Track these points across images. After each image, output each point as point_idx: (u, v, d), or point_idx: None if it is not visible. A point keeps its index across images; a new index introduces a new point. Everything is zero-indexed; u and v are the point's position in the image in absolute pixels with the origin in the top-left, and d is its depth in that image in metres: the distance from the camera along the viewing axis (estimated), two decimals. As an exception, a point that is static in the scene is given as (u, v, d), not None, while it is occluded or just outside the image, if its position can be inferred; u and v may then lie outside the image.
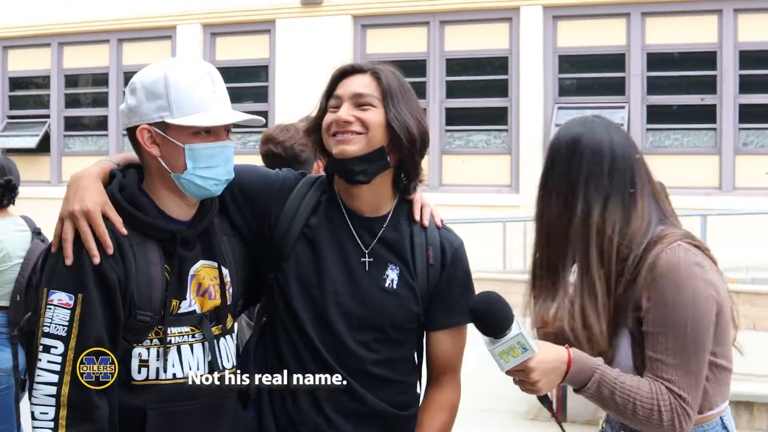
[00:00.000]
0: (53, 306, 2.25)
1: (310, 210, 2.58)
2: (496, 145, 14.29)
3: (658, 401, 2.31)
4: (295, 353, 2.53)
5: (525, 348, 2.23)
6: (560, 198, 2.43)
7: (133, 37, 16.14)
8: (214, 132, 2.39)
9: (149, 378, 2.34)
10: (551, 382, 2.32)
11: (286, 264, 2.54)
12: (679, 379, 2.31)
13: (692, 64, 13.55)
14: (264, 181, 2.63)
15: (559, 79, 13.96)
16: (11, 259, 5.08)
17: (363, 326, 2.53)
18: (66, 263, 2.26)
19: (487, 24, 14.34)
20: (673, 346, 2.31)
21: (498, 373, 2.36)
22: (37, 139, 16.55)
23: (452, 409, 2.69)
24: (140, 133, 2.37)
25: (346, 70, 2.55)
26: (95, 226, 2.27)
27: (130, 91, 2.41)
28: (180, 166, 2.36)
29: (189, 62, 2.43)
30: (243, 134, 15.33)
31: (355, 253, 2.55)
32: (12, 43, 17.24)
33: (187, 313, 2.40)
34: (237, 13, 15.39)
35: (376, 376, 2.55)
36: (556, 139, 2.49)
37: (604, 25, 13.77)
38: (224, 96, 2.43)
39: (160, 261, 2.35)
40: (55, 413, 2.22)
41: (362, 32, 14.88)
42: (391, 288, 2.54)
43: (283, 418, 2.55)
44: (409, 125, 2.50)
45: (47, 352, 2.24)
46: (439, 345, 2.65)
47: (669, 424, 2.31)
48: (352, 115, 2.46)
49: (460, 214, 12.78)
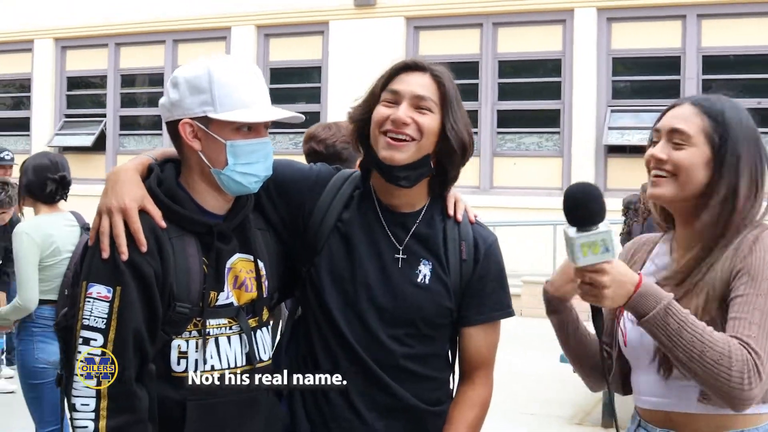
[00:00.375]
0: (92, 299, 2.27)
1: (343, 204, 2.58)
2: (548, 148, 14.23)
3: (730, 347, 2.14)
4: (326, 347, 2.54)
5: (607, 249, 2.14)
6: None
7: (188, 38, 16.33)
8: (255, 129, 2.40)
9: (188, 370, 2.35)
10: (616, 296, 2.19)
11: (318, 258, 2.54)
12: (760, 338, 2.16)
13: (750, 66, 13.39)
14: (299, 175, 2.63)
15: (613, 81, 13.87)
16: (60, 254, 5.16)
17: (395, 321, 2.52)
18: (103, 256, 2.28)
19: (541, 26, 14.29)
20: (762, 306, 2.19)
21: (544, 377, 2.35)
22: (93, 137, 16.82)
23: (483, 406, 2.66)
24: (182, 127, 2.38)
25: (407, 65, 2.51)
26: (130, 223, 2.29)
27: (173, 85, 2.42)
28: (221, 162, 2.37)
29: (231, 59, 2.45)
30: (295, 134, 15.42)
31: (389, 248, 2.54)
32: (70, 44, 17.54)
33: (224, 305, 2.41)
34: (290, 14, 15.49)
35: (408, 370, 2.54)
36: (722, 116, 2.38)
37: (658, 27, 13.66)
38: (265, 93, 2.44)
39: (198, 254, 2.36)
40: (96, 404, 2.25)
41: (415, 34, 14.91)
42: (423, 283, 2.54)
43: (314, 413, 2.56)
44: (463, 135, 2.49)
45: (87, 345, 2.26)
46: (471, 341, 2.64)
47: (738, 376, 2.11)
48: (410, 117, 2.43)
49: (510, 216, 12.76)
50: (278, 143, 15.49)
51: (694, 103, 2.41)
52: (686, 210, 2.42)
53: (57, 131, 17.24)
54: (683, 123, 2.37)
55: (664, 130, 2.40)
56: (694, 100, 2.42)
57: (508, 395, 7.83)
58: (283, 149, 15.23)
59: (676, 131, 2.37)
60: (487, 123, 14.20)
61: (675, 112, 2.42)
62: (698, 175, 2.35)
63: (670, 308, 2.18)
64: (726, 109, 2.39)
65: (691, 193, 2.37)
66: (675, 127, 2.38)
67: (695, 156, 2.35)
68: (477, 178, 14.20)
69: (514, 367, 8.85)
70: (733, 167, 2.33)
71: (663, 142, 2.40)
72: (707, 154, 2.35)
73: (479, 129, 14.24)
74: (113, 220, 2.30)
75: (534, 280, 12.31)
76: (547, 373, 2.12)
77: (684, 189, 2.37)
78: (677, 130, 2.37)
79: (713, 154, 2.35)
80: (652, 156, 2.40)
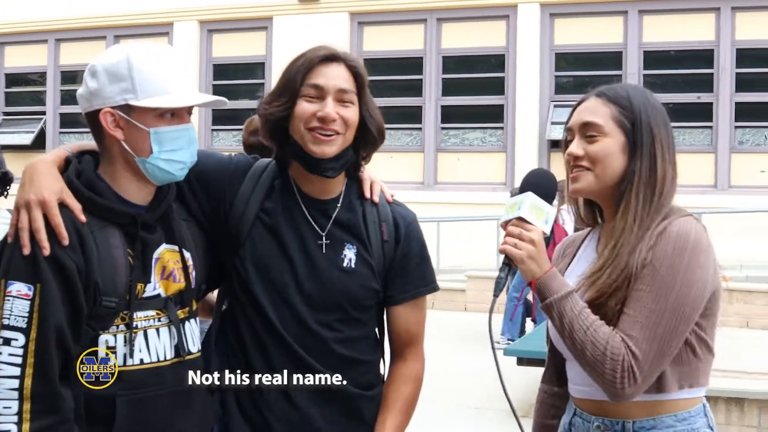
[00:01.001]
0: (12, 297, 2.19)
1: (264, 194, 2.57)
2: (492, 143, 14.31)
3: (609, 345, 2.23)
4: (256, 338, 2.53)
5: (547, 222, 2.35)
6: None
7: (129, 33, 16.15)
8: (178, 115, 2.36)
9: (116, 365, 2.29)
10: (531, 262, 2.31)
11: (242, 249, 2.54)
12: (640, 339, 2.23)
13: (689, 62, 13.58)
14: (218, 166, 2.61)
15: (556, 77, 14.00)
16: None
17: (324, 307, 2.53)
18: (24, 253, 2.21)
19: (484, 21, 14.36)
20: (650, 305, 2.24)
21: (493, 376, 2.37)
22: (33, 135, 16.59)
23: (417, 381, 2.68)
24: (103, 116, 2.32)
25: (326, 57, 2.50)
26: (50, 217, 2.22)
27: (91, 74, 2.36)
28: (145, 150, 2.32)
29: (150, 45, 2.39)
30: (238, 131, 15.33)
31: (312, 236, 2.55)
32: (8, 40, 17.26)
33: (152, 297, 2.36)
34: (234, 9, 15.40)
35: (339, 355, 2.55)
36: (628, 99, 2.42)
37: (600, 23, 13.80)
38: (187, 78, 2.40)
39: (122, 245, 2.30)
40: (18, 407, 2.17)
41: (359, 29, 14.89)
42: (349, 267, 2.55)
43: (248, 406, 2.55)
44: (380, 121, 2.55)
45: (8, 345, 2.18)
46: (399, 319, 2.66)
47: (610, 375, 2.22)
48: (337, 113, 2.45)
49: (454, 212, 12.82)
50: (222, 140, 15.40)
51: (598, 94, 2.44)
52: (611, 199, 2.44)
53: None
54: (592, 115, 2.41)
55: (576, 126, 2.44)
56: (598, 91, 2.46)
57: (452, 390, 7.76)
58: (226, 146, 15.15)
59: (587, 125, 2.41)
60: (431, 118, 14.22)
61: (583, 107, 2.45)
62: (616, 163, 2.38)
63: (571, 298, 2.28)
64: (631, 93, 2.43)
65: (612, 182, 2.40)
66: (585, 121, 2.41)
67: (610, 145, 2.38)
68: (421, 173, 14.23)
69: (457, 362, 8.94)
70: (649, 148, 2.37)
71: (577, 139, 2.43)
72: (622, 140, 2.38)
73: (423, 125, 14.25)
74: (32, 215, 2.22)
75: (478, 275, 12.38)
76: (490, 368, 2.12)
77: (604, 179, 2.40)
78: (588, 123, 2.40)
79: (627, 138, 2.38)
80: (569, 154, 2.44)
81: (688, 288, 2.25)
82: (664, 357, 2.26)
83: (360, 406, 2.60)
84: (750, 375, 7.12)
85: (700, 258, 2.27)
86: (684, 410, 2.38)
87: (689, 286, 2.25)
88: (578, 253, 2.61)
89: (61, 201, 2.26)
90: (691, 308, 2.27)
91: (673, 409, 2.37)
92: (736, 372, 7.05)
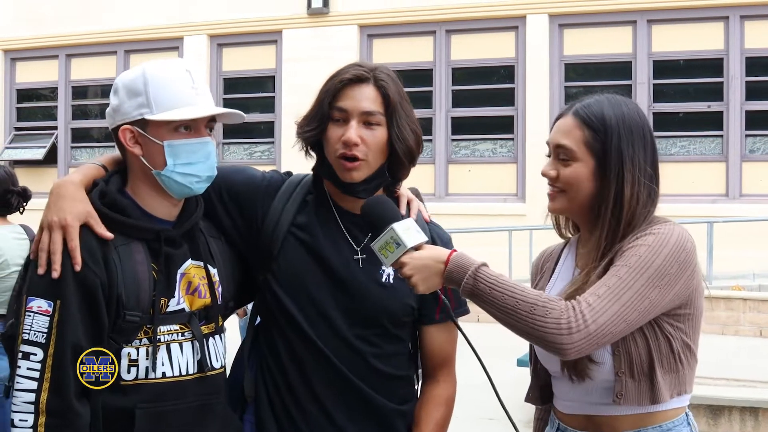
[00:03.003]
0: (32, 313, 2.24)
1: (296, 208, 2.59)
2: (502, 154, 14.30)
3: (546, 298, 2.18)
4: (292, 353, 2.54)
5: (398, 243, 2.28)
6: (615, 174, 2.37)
7: (140, 48, 16.20)
8: (195, 128, 2.37)
9: (138, 378, 2.32)
10: (427, 280, 2.28)
11: (275, 263, 2.55)
12: (599, 294, 2.18)
13: (698, 71, 13.55)
14: (250, 181, 2.64)
15: (565, 87, 13.98)
16: (9, 267, 5.09)
17: (362, 321, 2.54)
18: (38, 272, 2.25)
19: (493, 33, 14.36)
20: (618, 274, 2.21)
21: (503, 381, 2.38)
22: (44, 150, 16.62)
23: (449, 404, 2.70)
24: (122, 133, 2.36)
25: (351, 79, 2.51)
26: (68, 240, 2.25)
27: (114, 91, 2.41)
28: (160, 163, 2.34)
29: (168, 60, 2.43)
30: (249, 144, 15.37)
31: (348, 251, 2.56)
32: (19, 55, 17.33)
33: (176, 311, 2.39)
34: (243, 23, 15.44)
35: (377, 370, 2.56)
36: (601, 116, 2.40)
37: (610, 33, 13.79)
38: (205, 92, 2.41)
39: (146, 260, 2.33)
40: (33, 420, 2.21)
41: (368, 42, 14.92)
42: (387, 282, 2.56)
43: (284, 419, 2.55)
44: (410, 143, 2.52)
45: (26, 359, 2.23)
46: (433, 339, 2.67)
47: (553, 323, 2.13)
48: (360, 137, 2.45)
49: (466, 223, 12.80)
50: (233, 153, 15.43)
51: (575, 113, 2.44)
52: (585, 218, 2.47)
53: (7, 145, 17.01)
54: (565, 138, 2.42)
55: (552, 145, 2.47)
56: (576, 109, 2.46)
57: (467, 401, 7.98)
58: (237, 159, 15.18)
59: (560, 147, 2.43)
60: (442, 130, 14.23)
61: (559, 125, 2.47)
62: (585, 188, 2.40)
63: (479, 273, 2.24)
64: (605, 112, 2.42)
65: (583, 205, 2.43)
66: (559, 143, 2.43)
67: (580, 171, 2.39)
68: (432, 185, 14.23)
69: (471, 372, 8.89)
70: (617, 175, 2.37)
71: (552, 159, 2.46)
72: (592, 164, 2.39)
73: (433, 136, 14.27)
74: (52, 237, 2.27)
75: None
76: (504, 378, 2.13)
77: (575, 202, 2.43)
78: (561, 146, 2.43)
79: (597, 163, 2.38)
80: (544, 174, 2.47)
81: (662, 276, 2.23)
82: (618, 324, 2.18)
83: (395, 423, 2.61)
84: (763, 384, 7.09)
85: (680, 255, 2.26)
86: (669, 420, 2.38)
87: (664, 275, 2.23)
88: (556, 269, 2.62)
89: (85, 223, 2.29)
90: (659, 294, 2.23)
91: (660, 420, 2.37)
92: (750, 381, 7.03)
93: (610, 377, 2.33)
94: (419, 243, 2.31)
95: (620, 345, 2.30)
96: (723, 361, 8.00)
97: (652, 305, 2.22)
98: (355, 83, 2.51)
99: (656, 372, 2.31)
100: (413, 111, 2.59)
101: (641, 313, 2.21)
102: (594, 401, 2.41)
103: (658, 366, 2.31)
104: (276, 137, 15.14)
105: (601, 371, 2.34)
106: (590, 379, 2.36)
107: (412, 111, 2.57)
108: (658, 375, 2.31)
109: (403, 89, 2.58)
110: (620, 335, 2.22)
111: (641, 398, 2.32)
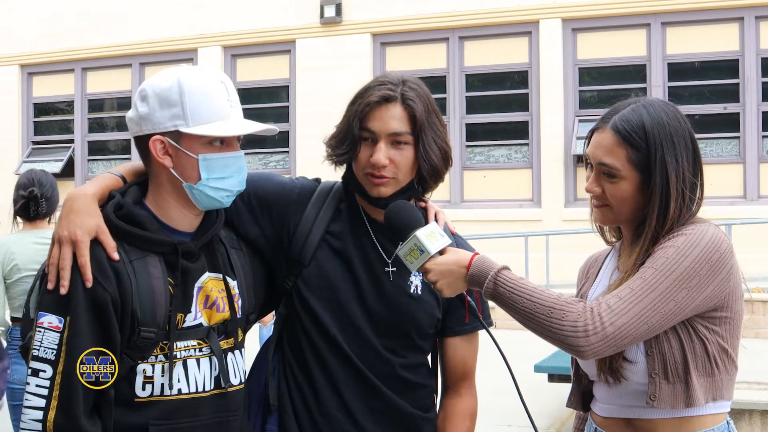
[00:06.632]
0: (43, 329, 2.19)
1: (329, 217, 2.59)
2: (517, 160, 14.27)
3: (564, 301, 2.19)
4: (320, 360, 2.54)
5: (422, 250, 2.33)
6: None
7: (155, 60, 16.23)
8: (228, 142, 2.34)
9: (153, 394, 2.27)
10: (451, 285, 2.33)
11: (306, 270, 2.54)
12: (620, 296, 2.18)
13: (714, 72, 13.50)
14: (281, 189, 2.62)
15: (580, 91, 13.94)
16: (20, 272, 5.11)
17: (390, 332, 2.56)
18: (48, 287, 2.21)
19: (507, 38, 14.34)
20: (643, 276, 2.21)
21: (523, 393, 2.39)
22: (62, 164, 16.68)
23: (472, 417, 2.72)
24: (153, 144, 2.29)
25: (380, 100, 2.50)
26: (78, 256, 2.20)
27: (141, 98, 2.32)
28: (194, 177, 2.30)
29: (202, 69, 2.36)
30: (265, 154, 15.39)
31: (379, 261, 2.57)
32: (36, 70, 17.41)
33: (193, 326, 2.33)
34: (257, 34, 15.47)
35: (404, 379, 2.59)
36: (643, 126, 2.38)
37: (624, 36, 13.74)
38: (237, 104, 2.37)
39: (162, 274, 2.28)
40: None
41: (382, 50, 14.92)
42: (416, 294, 2.58)
43: (307, 424, 2.55)
44: (435, 162, 2.52)
45: (36, 376, 2.18)
46: (456, 350, 2.69)
47: (570, 326, 2.15)
48: (388, 158, 2.46)
49: (481, 229, 12.77)
50: (248, 163, 15.42)
51: (614, 128, 2.40)
52: (630, 225, 2.47)
53: (25, 158, 17.08)
54: (608, 157, 2.39)
55: (594, 161, 2.44)
56: (614, 123, 2.42)
57: (484, 408, 7.96)
58: (252, 168, 15.19)
59: (603, 164, 2.40)
60: (456, 137, 14.22)
61: (600, 141, 2.43)
62: (632, 203, 2.40)
63: (499, 277, 2.26)
64: (645, 123, 2.39)
65: (630, 216, 2.43)
66: (602, 161, 2.40)
67: (625, 189, 2.39)
68: (447, 191, 14.20)
69: (488, 379, 8.88)
70: (660, 189, 2.35)
71: (595, 174, 2.44)
72: (636, 179, 2.38)
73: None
74: (62, 252, 2.22)
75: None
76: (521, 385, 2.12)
77: (621, 215, 2.43)
78: (604, 164, 2.40)
79: (641, 177, 2.37)
80: (588, 190, 2.46)
81: (691, 277, 2.21)
82: (639, 326, 2.18)
83: (421, 429, 2.63)
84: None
85: (713, 256, 2.24)
86: (708, 428, 2.35)
87: (693, 276, 2.21)
88: (599, 273, 2.61)
89: (95, 238, 2.24)
90: (687, 296, 2.21)
91: (698, 426, 2.34)
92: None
93: (644, 379, 2.32)
94: (443, 247, 2.36)
95: (654, 345, 2.29)
96: (743, 363, 7.93)
97: (679, 307, 2.21)
98: (383, 103, 2.50)
99: (691, 374, 2.28)
100: (442, 121, 2.59)
101: (665, 315, 2.19)
102: (630, 404, 2.39)
103: (693, 368, 2.29)
104: (291, 146, 15.15)
105: (636, 372, 2.33)
106: (625, 381, 2.36)
107: (440, 123, 2.58)
108: (693, 377, 2.28)
109: (432, 99, 2.58)
110: (643, 337, 2.21)
111: (675, 401, 2.29)
